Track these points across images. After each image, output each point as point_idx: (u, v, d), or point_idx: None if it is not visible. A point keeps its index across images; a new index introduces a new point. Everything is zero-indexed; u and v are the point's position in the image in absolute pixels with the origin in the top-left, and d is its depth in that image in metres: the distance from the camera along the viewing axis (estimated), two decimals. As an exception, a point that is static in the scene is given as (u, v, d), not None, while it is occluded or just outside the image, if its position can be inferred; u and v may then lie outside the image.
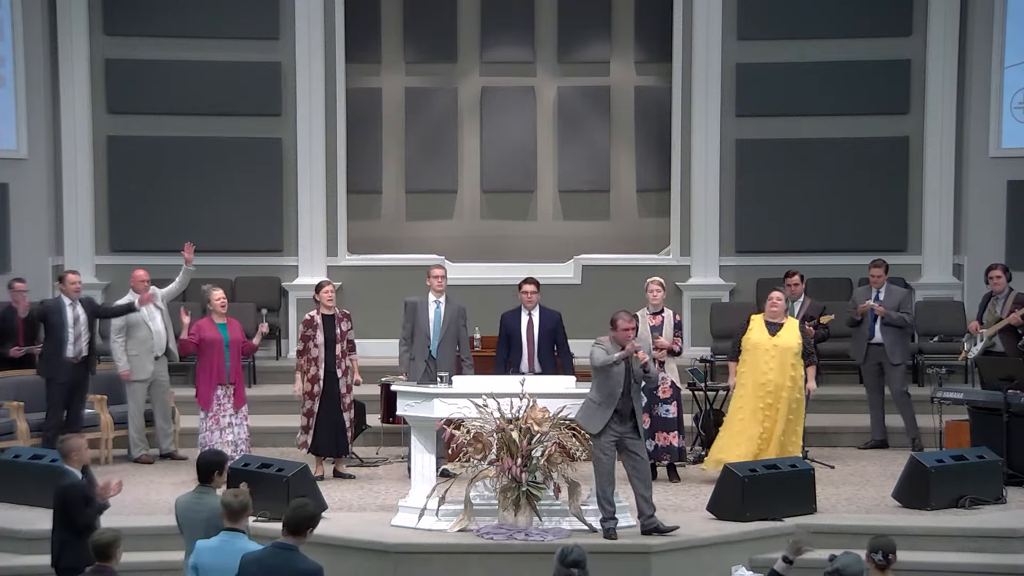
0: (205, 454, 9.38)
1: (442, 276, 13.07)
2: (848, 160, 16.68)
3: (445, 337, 12.84)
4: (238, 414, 12.65)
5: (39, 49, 16.55)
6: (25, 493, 11.71)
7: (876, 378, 13.95)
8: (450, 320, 12.88)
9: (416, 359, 12.78)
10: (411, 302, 13.05)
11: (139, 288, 13.60)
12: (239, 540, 8.13)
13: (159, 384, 13.67)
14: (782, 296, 12.60)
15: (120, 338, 13.52)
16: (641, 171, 17.74)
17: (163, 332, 13.67)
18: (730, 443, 12.22)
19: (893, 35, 16.62)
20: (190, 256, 13.80)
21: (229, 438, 12.49)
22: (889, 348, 13.81)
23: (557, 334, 13.02)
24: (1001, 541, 10.75)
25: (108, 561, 8.01)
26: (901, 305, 13.91)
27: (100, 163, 16.76)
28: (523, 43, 17.77)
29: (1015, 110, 16.44)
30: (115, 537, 8.08)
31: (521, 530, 10.40)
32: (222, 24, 16.70)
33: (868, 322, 13.88)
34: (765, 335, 12.31)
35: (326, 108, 16.77)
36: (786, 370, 12.24)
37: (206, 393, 12.56)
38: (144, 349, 13.54)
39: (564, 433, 10.51)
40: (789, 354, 12.27)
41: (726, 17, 16.65)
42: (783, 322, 12.43)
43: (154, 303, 13.63)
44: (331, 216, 16.88)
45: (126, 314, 13.49)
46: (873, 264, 14.11)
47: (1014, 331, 13.58)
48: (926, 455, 11.86)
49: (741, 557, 10.39)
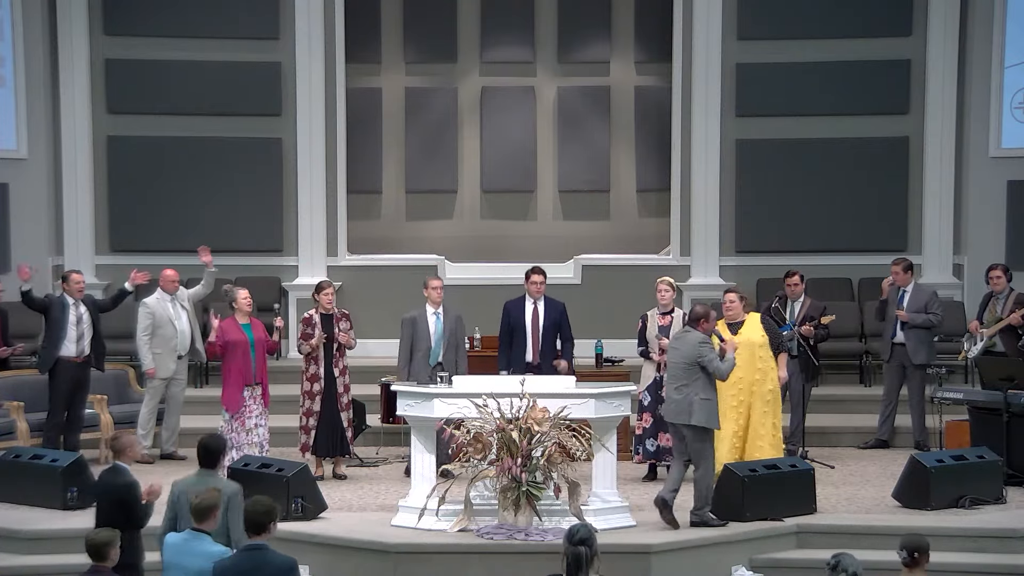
0: (207, 439, 9.22)
1: (440, 288, 13.02)
2: (848, 160, 16.68)
3: (447, 348, 12.82)
4: (264, 414, 12.53)
5: (39, 49, 16.55)
6: (25, 493, 11.72)
7: (897, 379, 13.89)
8: (450, 331, 12.87)
9: (418, 373, 12.70)
10: (409, 319, 12.94)
11: (168, 288, 13.62)
12: (200, 541, 8.14)
13: (177, 383, 13.69)
14: (735, 297, 12.59)
15: (146, 336, 13.53)
16: (641, 171, 17.74)
17: (187, 331, 13.69)
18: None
19: (893, 35, 16.61)
20: (208, 258, 13.87)
21: (255, 439, 12.36)
22: (912, 349, 13.71)
23: (562, 324, 13.01)
24: (1001, 541, 10.75)
25: (104, 561, 8.02)
26: (928, 305, 13.81)
27: (100, 163, 16.76)
28: (523, 43, 17.77)
29: (1015, 110, 16.44)
30: (111, 537, 8.10)
31: (521, 530, 10.40)
32: (222, 24, 16.70)
33: (891, 320, 13.81)
34: (727, 335, 12.30)
35: (326, 108, 16.77)
36: (754, 363, 12.28)
37: (234, 395, 12.30)
38: (168, 348, 13.56)
39: (564, 433, 10.52)
40: (754, 347, 12.30)
41: (726, 17, 16.65)
42: (743, 319, 12.44)
43: (180, 302, 13.67)
44: (331, 216, 16.87)
45: (121, 300, 13.55)
46: (894, 263, 14.02)
47: (1014, 331, 13.59)
48: (926, 455, 11.87)
49: (741, 557, 10.41)
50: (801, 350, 13.24)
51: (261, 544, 7.79)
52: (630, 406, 11.26)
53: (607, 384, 11.51)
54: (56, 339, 13.07)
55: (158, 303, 13.64)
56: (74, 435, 13.07)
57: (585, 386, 11.16)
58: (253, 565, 7.73)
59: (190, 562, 8.07)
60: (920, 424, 13.70)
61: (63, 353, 13.05)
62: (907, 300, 13.80)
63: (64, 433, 13.07)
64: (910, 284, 13.91)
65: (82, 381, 13.18)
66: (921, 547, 7.61)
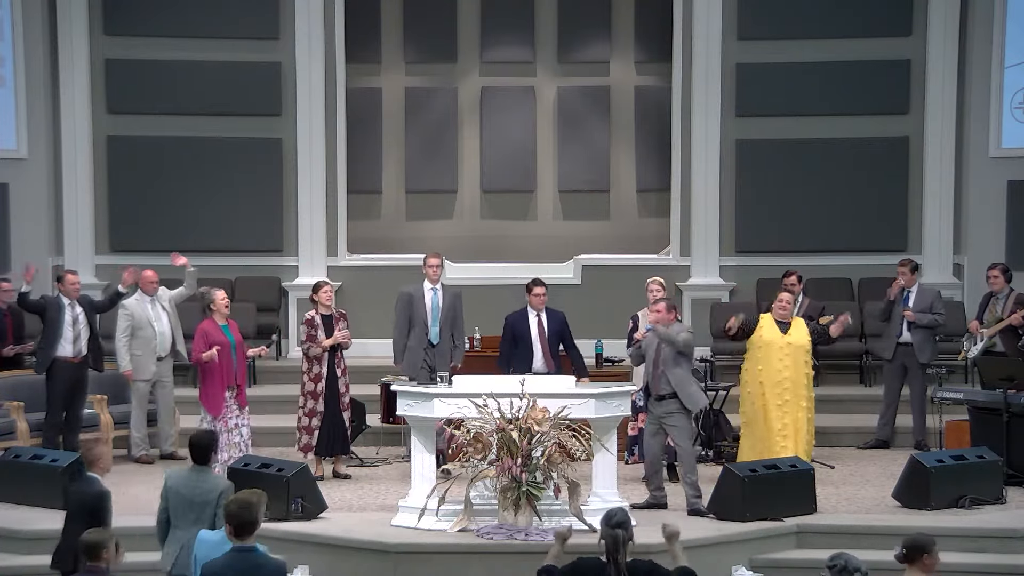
0: (197, 435, 9.17)
1: (438, 265, 13.10)
2: (848, 160, 16.68)
3: (443, 324, 12.84)
4: (243, 414, 12.56)
5: (39, 49, 16.55)
6: (25, 493, 11.72)
7: (898, 378, 13.89)
8: (447, 307, 12.88)
9: (414, 348, 12.73)
10: (406, 292, 13.01)
11: (148, 290, 13.62)
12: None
13: (163, 384, 13.68)
14: (791, 298, 12.66)
15: (125, 337, 13.52)
16: (641, 171, 17.74)
17: (168, 333, 13.68)
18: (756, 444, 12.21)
19: (893, 35, 16.62)
20: (183, 260, 13.84)
21: (236, 439, 12.38)
22: (918, 347, 13.72)
23: (564, 334, 13.02)
24: (1001, 541, 10.75)
25: (97, 561, 8.01)
26: (933, 305, 13.83)
27: (100, 163, 16.76)
28: (523, 43, 17.77)
29: (1015, 110, 16.44)
30: (104, 537, 8.08)
31: (521, 530, 10.40)
32: (222, 24, 16.70)
33: (897, 320, 13.82)
34: (777, 333, 12.33)
35: (326, 108, 16.77)
36: (800, 367, 12.34)
37: (216, 397, 12.28)
38: (148, 349, 13.55)
39: (564, 433, 10.52)
40: (802, 351, 12.36)
41: (726, 17, 16.65)
42: (791, 321, 12.47)
43: (160, 303, 13.67)
44: (331, 216, 16.88)
45: (118, 301, 13.55)
46: (901, 263, 14.02)
47: (1015, 331, 13.59)
48: (926, 455, 11.87)
49: (741, 557, 10.40)
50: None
51: (250, 547, 7.70)
52: (630, 406, 11.28)
53: (607, 384, 11.52)
54: (52, 340, 13.07)
55: (137, 304, 13.62)
56: (73, 435, 13.06)
57: (585, 386, 11.15)
58: (243, 567, 7.65)
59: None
60: (921, 424, 13.71)
61: (59, 353, 13.05)
62: (913, 300, 13.81)
63: (63, 433, 13.07)
64: (915, 284, 13.93)
65: (80, 381, 13.17)
66: (917, 545, 7.57)
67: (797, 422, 12.24)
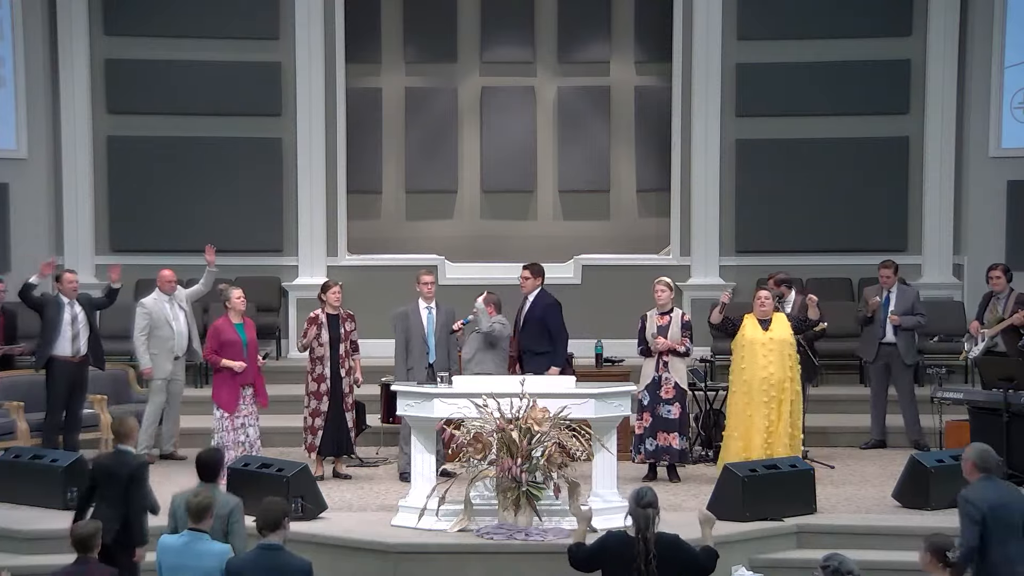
0: (205, 453, 9.21)
1: (432, 283, 12.96)
2: (848, 160, 16.68)
3: (439, 342, 12.78)
4: (252, 413, 12.47)
5: (39, 49, 16.55)
6: (25, 493, 11.72)
7: (883, 378, 13.92)
8: (442, 325, 12.85)
9: (415, 368, 12.69)
10: (400, 313, 12.93)
11: (166, 289, 13.62)
12: (201, 541, 8.13)
13: (175, 383, 13.69)
14: (769, 294, 12.65)
15: (143, 336, 13.52)
16: (641, 171, 17.75)
17: (185, 332, 13.69)
18: (739, 442, 12.22)
19: (893, 35, 16.62)
20: (212, 258, 13.88)
21: (242, 438, 12.34)
22: (903, 348, 13.78)
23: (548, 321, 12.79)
24: (1001, 541, 10.72)
25: (89, 552, 8.02)
26: (914, 306, 13.88)
27: (100, 163, 16.76)
28: (523, 43, 17.78)
29: (1015, 110, 16.44)
30: (96, 529, 8.10)
31: (521, 530, 10.40)
32: (222, 24, 16.70)
33: (880, 321, 13.84)
34: (759, 331, 12.36)
35: (326, 108, 16.77)
36: (785, 362, 12.35)
37: (231, 394, 12.23)
38: (165, 348, 13.55)
39: (564, 433, 10.51)
40: (785, 346, 12.36)
41: (726, 17, 16.65)
42: (771, 317, 12.47)
43: (177, 303, 13.67)
44: (331, 216, 16.88)
45: (115, 296, 13.56)
46: (883, 265, 14.03)
47: (1016, 331, 13.58)
48: (926, 455, 11.87)
49: (741, 557, 10.39)
50: (800, 350, 13.23)
51: (277, 544, 7.78)
52: (630, 406, 11.28)
53: (607, 384, 11.51)
54: (50, 338, 13.05)
55: (155, 303, 13.63)
56: (73, 435, 13.05)
57: (585, 386, 11.16)
58: (270, 564, 7.69)
59: (197, 563, 8.02)
60: (913, 421, 13.73)
61: (58, 352, 13.00)
62: (894, 302, 13.84)
63: (63, 433, 13.06)
64: (894, 285, 13.96)
65: (79, 381, 13.15)
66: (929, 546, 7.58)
67: (782, 417, 12.24)
